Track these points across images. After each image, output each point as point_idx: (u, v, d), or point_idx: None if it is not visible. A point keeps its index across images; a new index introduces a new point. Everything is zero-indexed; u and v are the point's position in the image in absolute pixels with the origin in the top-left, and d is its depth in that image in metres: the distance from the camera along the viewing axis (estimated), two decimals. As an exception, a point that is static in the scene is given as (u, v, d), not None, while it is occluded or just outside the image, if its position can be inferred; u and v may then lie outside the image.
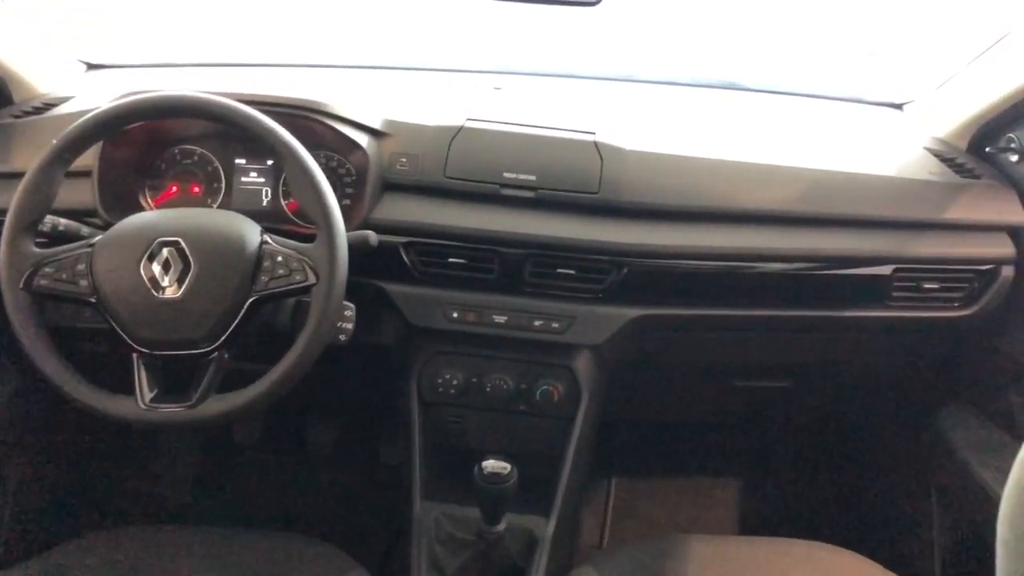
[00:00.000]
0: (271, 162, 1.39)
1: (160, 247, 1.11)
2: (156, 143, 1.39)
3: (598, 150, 1.36)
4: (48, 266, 1.11)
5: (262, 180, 1.40)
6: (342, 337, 1.22)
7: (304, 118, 1.33)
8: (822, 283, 1.39)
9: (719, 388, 1.67)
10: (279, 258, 1.13)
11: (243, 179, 1.40)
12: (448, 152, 1.36)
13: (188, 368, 1.12)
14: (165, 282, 1.09)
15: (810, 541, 1.25)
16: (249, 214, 1.20)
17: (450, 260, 1.35)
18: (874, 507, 1.88)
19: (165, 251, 1.11)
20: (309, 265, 1.12)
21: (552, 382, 1.40)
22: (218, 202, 1.40)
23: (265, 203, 1.40)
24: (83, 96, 1.53)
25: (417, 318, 1.38)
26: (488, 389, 1.41)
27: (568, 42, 2.00)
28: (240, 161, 1.40)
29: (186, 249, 1.11)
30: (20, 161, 1.36)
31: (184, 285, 1.10)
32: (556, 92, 1.74)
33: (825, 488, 2.03)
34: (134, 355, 1.11)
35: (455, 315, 1.37)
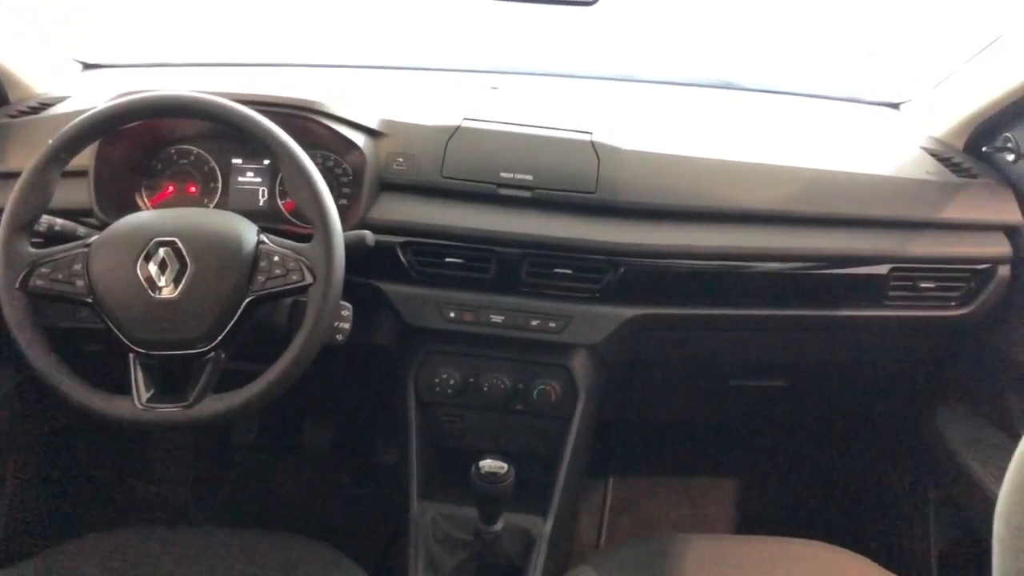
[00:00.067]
0: (268, 162, 1.39)
1: (156, 247, 1.11)
2: (152, 143, 1.39)
3: (595, 150, 1.36)
4: (44, 266, 1.11)
5: (259, 180, 1.40)
6: (339, 337, 1.22)
7: (301, 118, 1.33)
8: (819, 283, 1.39)
9: (716, 388, 1.67)
10: (276, 258, 1.13)
11: (240, 179, 1.40)
12: (445, 152, 1.36)
13: (184, 368, 1.12)
14: (161, 282, 1.09)
15: (807, 540, 1.25)
16: (246, 214, 1.20)
17: (447, 260, 1.35)
18: (871, 506, 1.88)
19: (161, 251, 1.10)
20: (306, 265, 1.12)
21: (549, 382, 1.40)
22: (215, 202, 1.40)
23: (262, 203, 1.40)
24: (79, 96, 1.53)
25: (414, 318, 1.38)
26: (485, 389, 1.41)
27: (565, 42, 2.00)
28: (237, 161, 1.40)
29: (182, 249, 1.10)
30: (16, 161, 1.35)
31: (180, 285, 1.09)
32: (553, 92, 1.74)
33: (822, 487, 2.03)
34: (130, 355, 1.11)
35: (452, 315, 1.37)
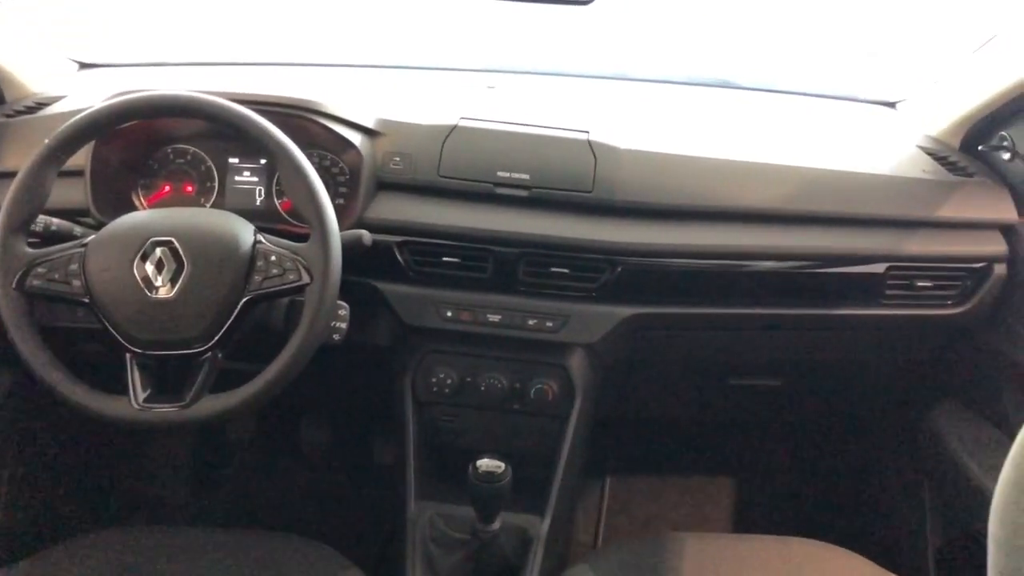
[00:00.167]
0: (264, 161, 1.39)
1: (153, 247, 1.10)
2: (149, 142, 1.39)
3: (592, 149, 1.36)
4: (40, 266, 1.11)
5: (255, 179, 1.40)
6: (336, 337, 1.22)
7: (297, 117, 1.33)
8: (815, 281, 1.39)
9: (713, 386, 1.67)
10: (273, 257, 1.13)
11: (236, 178, 1.40)
12: (442, 151, 1.35)
13: (181, 368, 1.12)
14: (158, 282, 1.09)
15: (804, 539, 1.25)
16: (243, 213, 1.20)
17: (444, 259, 1.35)
18: (868, 504, 1.88)
19: (158, 251, 1.10)
20: (303, 265, 1.12)
21: (546, 381, 1.40)
22: (211, 201, 1.39)
23: (258, 202, 1.40)
24: (75, 95, 1.53)
25: (411, 317, 1.38)
26: (482, 388, 1.41)
27: (562, 41, 2.00)
28: (233, 160, 1.40)
29: (179, 249, 1.10)
30: (12, 161, 1.35)
31: (177, 285, 1.09)
32: (550, 91, 1.74)
33: (819, 486, 2.03)
34: (127, 355, 1.11)
35: (449, 314, 1.37)
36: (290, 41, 2.01)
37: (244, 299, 1.11)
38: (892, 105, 1.74)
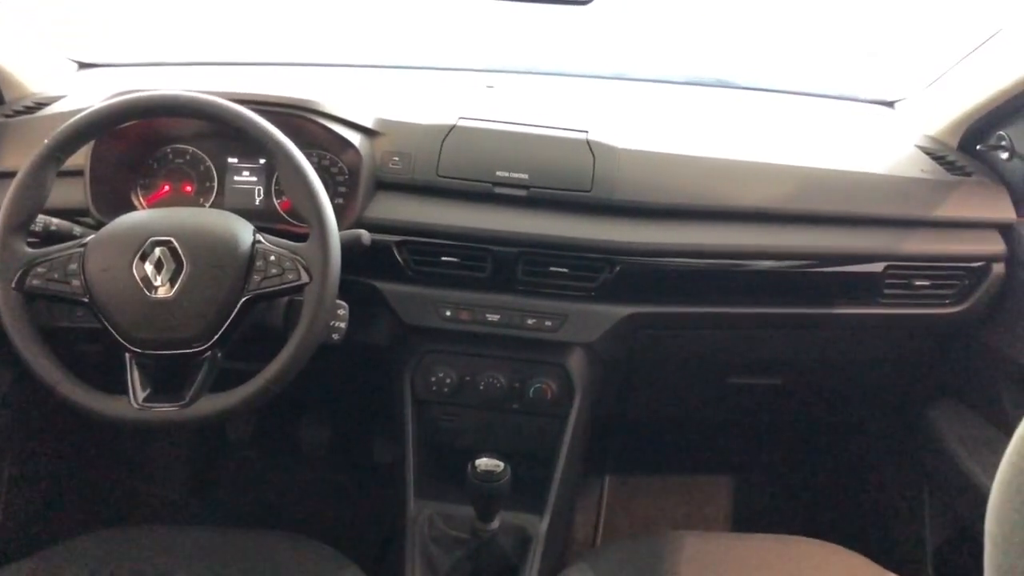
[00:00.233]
0: (263, 161, 1.39)
1: (152, 246, 1.10)
2: (148, 142, 1.39)
3: (590, 148, 1.36)
4: (40, 266, 1.11)
5: (255, 179, 1.40)
6: (335, 336, 1.22)
7: (296, 117, 1.33)
8: (814, 280, 1.39)
9: (712, 385, 1.67)
10: (272, 257, 1.13)
11: (236, 178, 1.40)
12: (441, 151, 1.36)
13: (181, 368, 1.12)
14: (157, 281, 1.09)
15: (803, 537, 1.25)
16: (242, 213, 1.20)
17: (443, 259, 1.35)
18: (866, 503, 1.88)
19: (157, 250, 1.10)
20: (302, 264, 1.12)
21: (545, 380, 1.41)
22: (211, 201, 1.40)
23: (258, 202, 1.40)
24: (75, 95, 1.53)
25: (410, 317, 1.38)
26: (481, 387, 1.41)
27: (561, 41, 2.00)
28: (232, 160, 1.40)
29: (178, 248, 1.10)
30: (11, 160, 1.35)
31: (177, 285, 1.09)
32: (548, 90, 1.74)
33: (817, 484, 2.03)
34: (127, 355, 1.11)
35: (448, 314, 1.37)
36: (290, 41, 2.01)
37: (243, 299, 1.11)
38: (891, 105, 1.74)
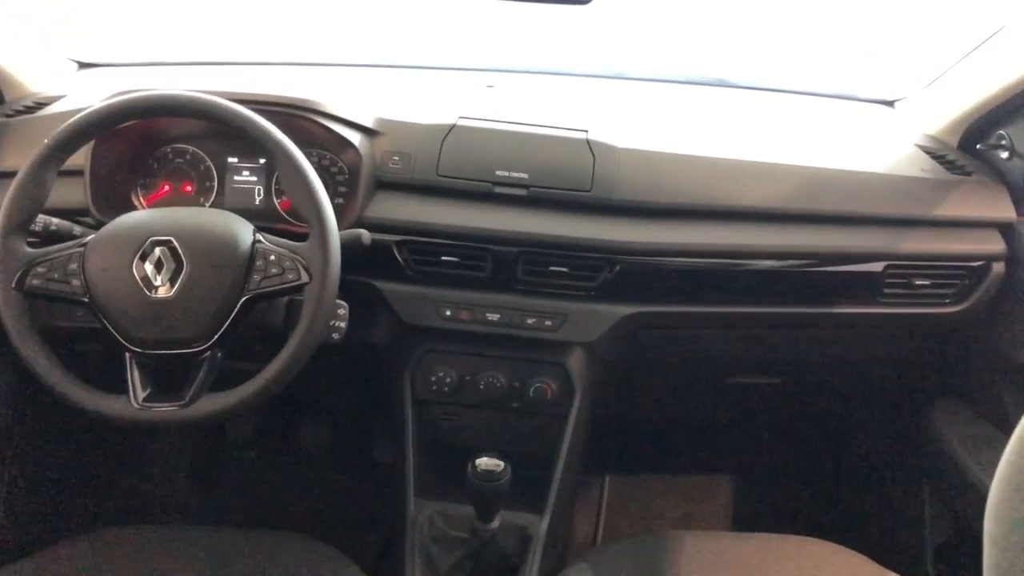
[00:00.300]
0: (263, 161, 1.39)
1: (152, 246, 1.10)
2: (148, 142, 1.39)
3: (590, 148, 1.36)
4: (40, 266, 1.11)
5: (254, 179, 1.40)
6: (335, 336, 1.22)
7: (296, 117, 1.33)
8: (814, 280, 1.39)
9: (712, 385, 1.67)
10: (272, 257, 1.13)
11: (236, 178, 1.40)
12: (441, 150, 1.36)
13: (181, 367, 1.12)
14: (157, 281, 1.09)
15: (803, 537, 1.25)
16: (242, 213, 1.20)
17: (443, 258, 1.35)
18: (866, 502, 1.88)
19: (157, 250, 1.10)
20: (302, 264, 1.12)
21: (545, 380, 1.41)
22: (211, 201, 1.40)
23: (258, 202, 1.40)
24: (75, 95, 1.53)
25: (410, 316, 1.38)
26: (481, 387, 1.41)
27: (560, 40, 2.00)
28: (232, 160, 1.40)
29: (178, 248, 1.10)
30: (12, 160, 1.35)
31: (177, 284, 1.09)
32: (548, 90, 1.74)
33: (817, 484, 2.04)
34: (127, 354, 1.11)
35: (448, 313, 1.37)
36: (290, 41, 2.01)
37: (243, 298, 1.11)
38: (891, 104, 1.75)
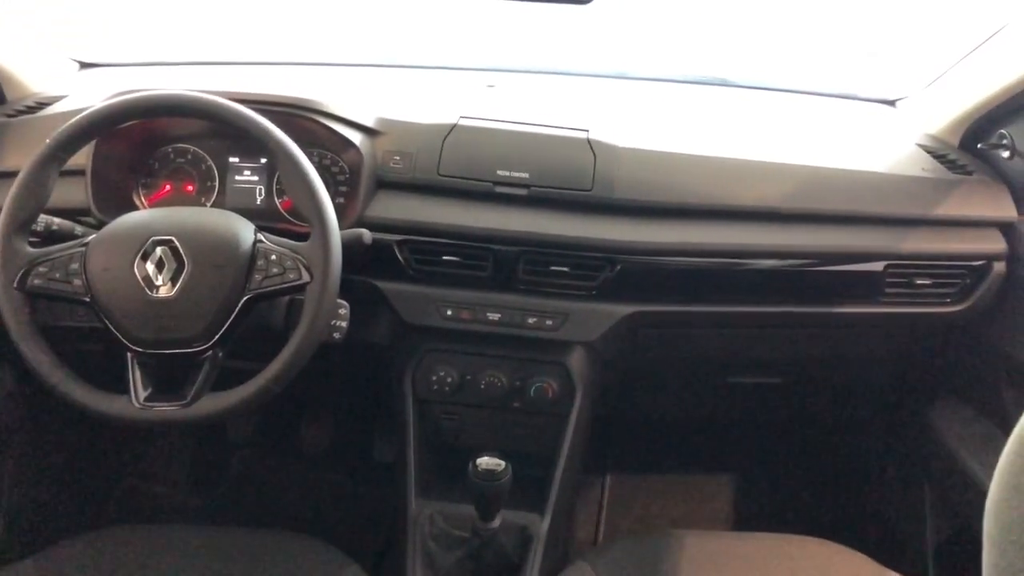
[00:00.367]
0: (264, 160, 1.39)
1: (154, 246, 1.11)
2: (149, 142, 1.39)
3: (591, 147, 1.36)
4: (41, 265, 1.11)
5: (256, 179, 1.40)
6: (336, 335, 1.22)
7: (297, 116, 1.33)
8: (815, 279, 1.39)
9: (713, 384, 1.67)
10: (273, 257, 1.13)
11: (237, 177, 1.40)
12: (441, 150, 1.36)
13: (182, 367, 1.12)
14: (159, 281, 1.09)
15: (804, 536, 1.25)
16: (243, 213, 1.20)
17: (444, 258, 1.35)
18: (867, 501, 1.88)
19: (159, 250, 1.10)
20: (303, 263, 1.12)
21: (546, 379, 1.41)
22: (212, 201, 1.40)
23: (259, 201, 1.40)
24: (76, 95, 1.53)
25: (411, 316, 1.38)
26: (482, 386, 1.41)
27: (561, 40, 2.00)
28: (234, 159, 1.40)
29: (180, 248, 1.11)
30: (13, 160, 1.35)
31: (178, 284, 1.09)
32: (549, 89, 1.74)
33: (818, 483, 2.04)
34: (128, 354, 1.11)
35: (449, 313, 1.37)
36: (290, 41, 2.01)
37: (244, 298, 1.11)
38: (892, 103, 1.74)
